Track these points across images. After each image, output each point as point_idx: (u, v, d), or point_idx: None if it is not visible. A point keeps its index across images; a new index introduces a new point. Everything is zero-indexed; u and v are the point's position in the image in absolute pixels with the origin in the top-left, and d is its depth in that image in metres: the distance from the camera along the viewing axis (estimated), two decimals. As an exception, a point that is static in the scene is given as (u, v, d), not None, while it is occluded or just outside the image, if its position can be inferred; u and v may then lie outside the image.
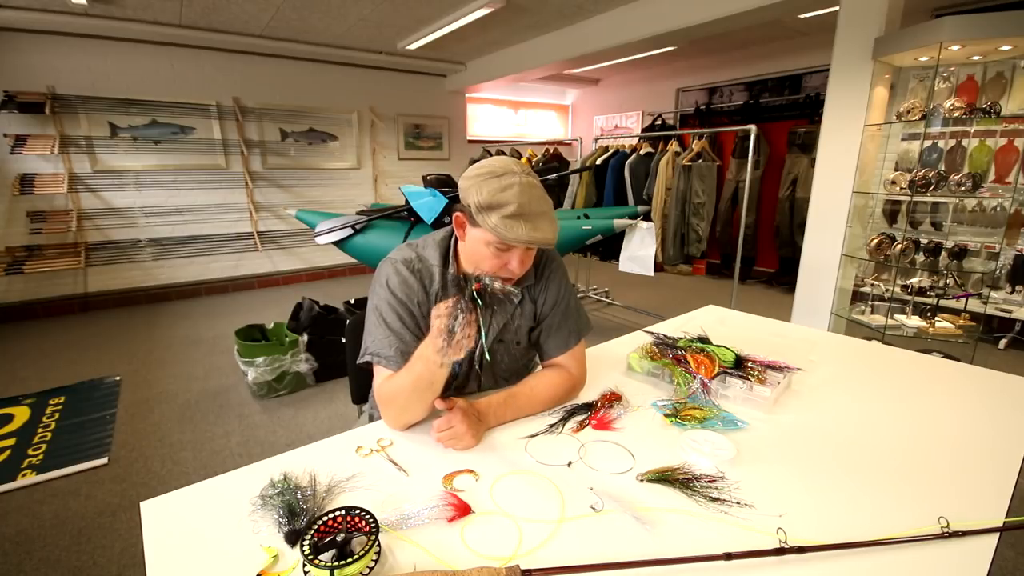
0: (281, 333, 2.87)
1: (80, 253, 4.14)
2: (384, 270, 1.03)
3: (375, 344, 0.98)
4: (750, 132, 3.19)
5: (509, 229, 0.88)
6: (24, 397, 2.68)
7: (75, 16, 3.62)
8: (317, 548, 0.62)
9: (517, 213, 0.88)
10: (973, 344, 2.60)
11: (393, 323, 0.98)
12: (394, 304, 0.99)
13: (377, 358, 0.97)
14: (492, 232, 0.89)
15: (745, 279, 5.35)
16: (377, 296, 1.01)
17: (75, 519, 1.76)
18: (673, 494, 0.79)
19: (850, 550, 0.67)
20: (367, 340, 1.00)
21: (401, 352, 0.95)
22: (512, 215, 0.88)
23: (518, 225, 0.88)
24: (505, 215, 0.88)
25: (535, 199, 0.90)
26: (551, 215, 0.93)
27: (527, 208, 0.89)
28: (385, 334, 0.97)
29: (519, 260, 0.94)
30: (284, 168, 5.12)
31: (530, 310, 1.11)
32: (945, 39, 2.32)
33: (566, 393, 1.09)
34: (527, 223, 0.88)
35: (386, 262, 1.04)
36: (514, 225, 0.88)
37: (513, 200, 0.88)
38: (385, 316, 0.99)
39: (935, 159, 2.97)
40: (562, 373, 1.10)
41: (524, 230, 0.88)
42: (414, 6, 3.67)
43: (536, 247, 0.94)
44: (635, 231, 3.38)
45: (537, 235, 0.89)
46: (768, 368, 1.16)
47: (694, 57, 5.72)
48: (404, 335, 0.97)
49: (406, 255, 1.04)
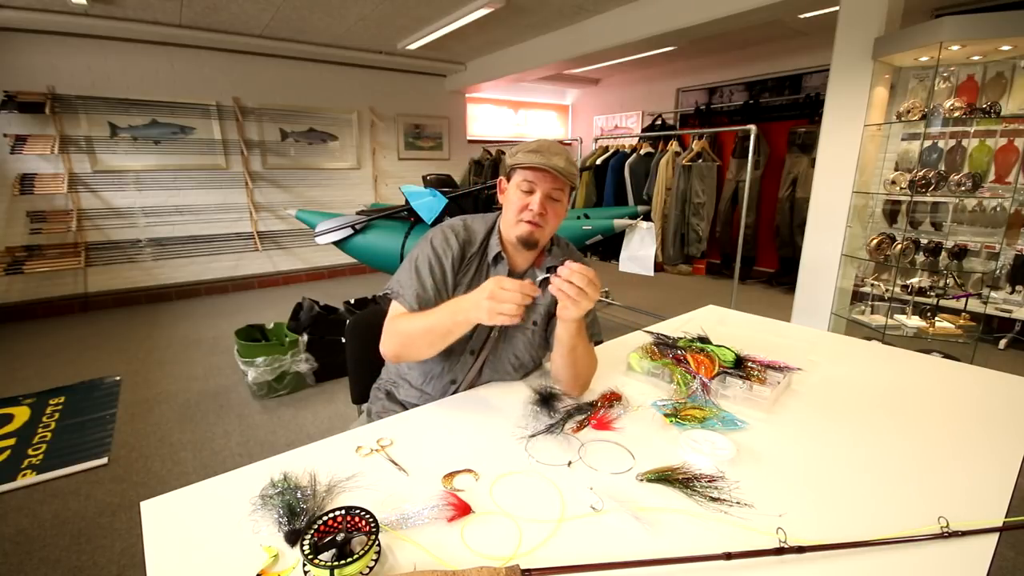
0: (281, 333, 2.87)
1: (80, 253, 4.14)
2: (433, 231, 1.17)
3: (400, 284, 1.12)
4: (750, 132, 3.19)
5: (526, 157, 1.06)
6: (24, 397, 2.68)
7: (75, 16, 3.62)
8: (317, 548, 0.62)
9: (535, 149, 1.07)
10: (973, 344, 2.60)
11: (423, 272, 1.11)
12: (431, 258, 1.12)
13: (397, 295, 1.11)
14: (513, 164, 1.09)
15: (745, 279, 5.35)
16: (419, 249, 1.15)
17: (75, 519, 1.76)
18: (673, 494, 0.79)
19: (850, 550, 0.67)
20: (395, 278, 1.14)
21: (419, 297, 1.08)
22: (531, 150, 1.07)
23: (534, 155, 1.05)
24: (525, 150, 1.08)
25: (553, 145, 1.09)
26: (567, 157, 1.08)
27: (544, 147, 1.07)
28: (412, 277, 1.11)
29: (539, 201, 1.07)
30: (284, 168, 5.12)
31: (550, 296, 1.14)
32: (945, 39, 2.32)
33: (590, 371, 1.13)
34: (541, 155, 1.05)
35: (437, 227, 1.18)
36: (531, 155, 1.06)
37: (534, 143, 1.09)
38: (419, 265, 1.12)
39: (935, 159, 2.97)
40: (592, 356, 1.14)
41: (537, 157, 1.05)
42: (414, 6, 3.66)
43: (547, 171, 1.06)
44: (635, 231, 3.38)
45: (546, 161, 1.04)
46: (768, 368, 1.16)
47: (694, 57, 5.72)
48: (427, 284, 1.09)
49: (455, 224, 1.17)
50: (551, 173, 1.05)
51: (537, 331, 1.18)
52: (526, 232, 1.08)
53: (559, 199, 1.10)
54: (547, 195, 1.08)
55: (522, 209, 1.08)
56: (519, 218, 1.09)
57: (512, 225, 1.11)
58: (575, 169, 1.10)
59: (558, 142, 1.12)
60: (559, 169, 1.05)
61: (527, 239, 1.09)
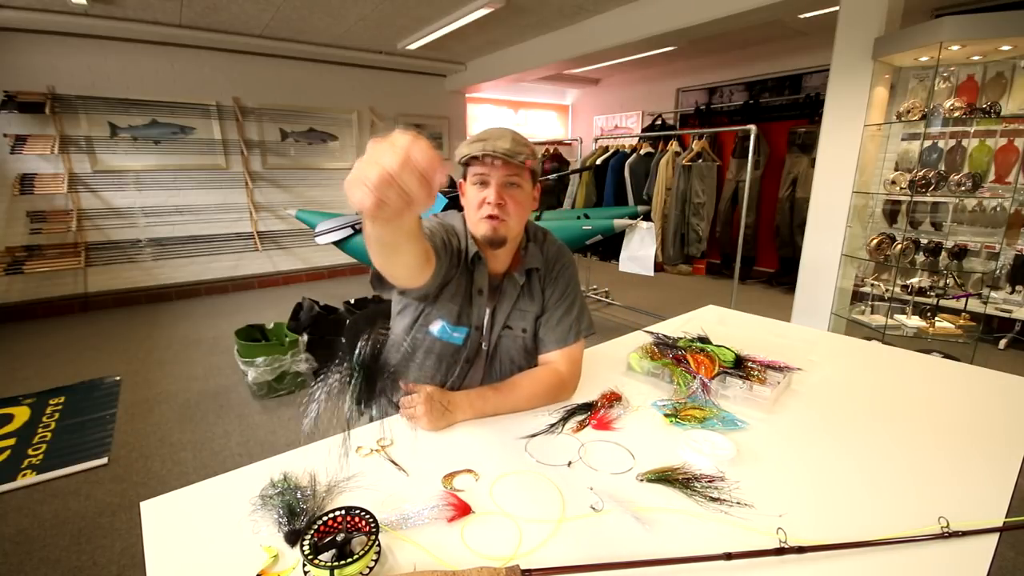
0: (281, 333, 2.87)
1: (80, 253, 4.14)
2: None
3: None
4: (750, 132, 3.19)
5: (469, 148, 0.99)
6: (24, 397, 2.68)
7: (75, 16, 3.62)
8: (317, 548, 0.62)
9: (478, 138, 1.00)
10: (973, 344, 2.60)
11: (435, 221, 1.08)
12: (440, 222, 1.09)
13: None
14: (459, 159, 1.03)
15: (745, 279, 5.35)
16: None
17: (75, 519, 1.76)
18: (673, 494, 0.79)
19: (850, 550, 0.67)
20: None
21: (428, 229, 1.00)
22: (475, 140, 1.00)
23: (477, 144, 0.99)
24: (470, 142, 1.01)
25: (496, 130, 1.02)
26: (513, 138, 1.00)
27: (488, 134, 1.00)
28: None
29: (495, 191, 1.00)
30: (284, 168, 5.12)
31: (538, 294, 1.13)
32: (945, 39, 2.32)
33: (552, 393, 1.08)
34: (486, 143, 0.98)
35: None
36: (474, 145, 0.99)
37: (477, 134, 1.02)
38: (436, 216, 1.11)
39: (935, 159, 2.97)
40: (551, 372, 1.10)
41: (480, 145, 0.98)
42: (414, 6, 3.66)
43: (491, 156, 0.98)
44: (635, 231, 3.38)
45: (487, 145, 0.97)
46: (768, 368, 1.16)
47: (694, 57, 5.72)
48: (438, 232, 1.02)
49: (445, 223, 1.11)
50: (499, 158, 0.97)
51: (528, 336, 1.13)
52: (488, 230, 1.01)
53: (518, 184, 1.02)
54: (502, 184, 1.00)
55: (480, 205, 1.01)
56: (479, 215, 1.01)
57: (475, 224, 1.04)
58: (525, 149, 1.00)
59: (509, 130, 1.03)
60: (505, 152, 0.96)
61: (491, 237, 1.02)
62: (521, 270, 1.11)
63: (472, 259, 1.06)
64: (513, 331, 1.12)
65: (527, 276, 1.12)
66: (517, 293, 1.11)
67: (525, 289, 1.12)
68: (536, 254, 1.13)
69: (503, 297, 1.11)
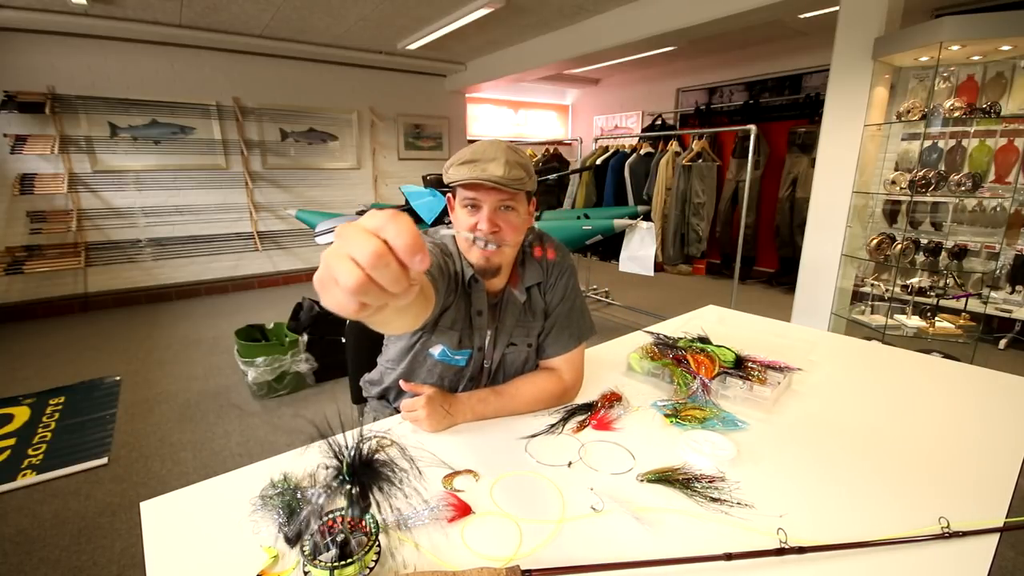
0: (281, 333, 2.87)
1: (80, 253, 4.14)
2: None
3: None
4: (750, 132, 3.19)
5: (458, 172, 0.92)
6: (24, 397, 2.68)
7: (75, 16, 3.61)
8: (317, 548, 0.62)
9: (469, 160, 0.93)
10: (973, 344, 2.60)
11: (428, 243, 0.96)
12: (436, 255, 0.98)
13: None
14: (448, 183, 0.95)
15: (745, 279, 5.35)
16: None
17: (75, 519, 1.76)
18: (673, 494, 0.79)
19: (850, 550, 0.67)
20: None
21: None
22: (464, 162, 0.93)
23: (467, 168, 0.91)
24: (458, 163, 0.93)
25: (490, 148, 0.93)
26: (507, 160, 0.91)
27: (479, 155, 0.92)
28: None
29: (487, 219, 0.93)
30: (284, 168, 5.12)
31: (540, 308, 1.11)
32: (945, 39, 2.31)
33: (554, 398, 1.07)
34: (476, 166, 0.91)
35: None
36: (463, 168, 0.92)
37: (468, 151, 0.94)
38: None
39: (935, 159, 2.97)
40: (552, 377, 1.09)
41: (469, 170, 0.91)
42: (414, 6, 3.66)
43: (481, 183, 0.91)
44: (635, 231, 3.38)
45: (482, 173, 0.90)
46: (768, 368, 1.16)
47: (694, 57, 5.72)
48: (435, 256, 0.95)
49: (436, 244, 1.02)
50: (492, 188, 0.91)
51: (533, 349, 1.12)
52: (482, 263, 0.97)
53: (513, 207, 0.95)
54: (495, 208, 0.94)
55: (471, 230, 0.95)
56: (470, 243, 0.96)
57: (466, 250, 0.99)
58: (522, 171, 0.93)
59: (504, 142, 0.95)
60: (497, 180, 0.89)
61: (485, 268, 0.98)
62: (521, 288, 1.07)
63: (468, 282, 1.01)
64: (518, 347, 1.10)
65: (528, 293, 1.09)
66: (519, 311, 1.08)
67: (527, 306, 1.09)
68: (535, 270, 1.09)
69: (505, 315, 1.07)
